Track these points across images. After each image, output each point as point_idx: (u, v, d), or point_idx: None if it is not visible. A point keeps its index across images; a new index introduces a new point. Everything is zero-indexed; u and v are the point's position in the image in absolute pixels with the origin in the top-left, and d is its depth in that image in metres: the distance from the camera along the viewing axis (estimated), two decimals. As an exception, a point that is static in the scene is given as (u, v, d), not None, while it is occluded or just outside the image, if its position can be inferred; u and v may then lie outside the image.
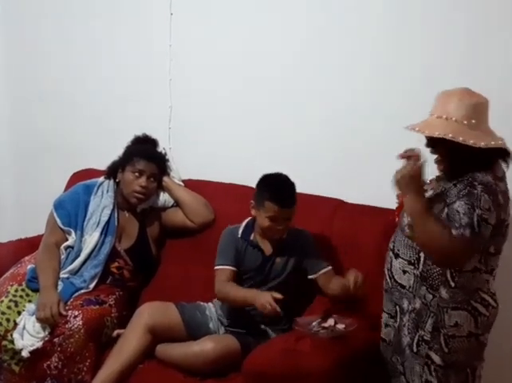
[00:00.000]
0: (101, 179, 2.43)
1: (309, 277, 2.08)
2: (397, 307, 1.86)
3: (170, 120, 2.76)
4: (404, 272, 1.81)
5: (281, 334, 1.99)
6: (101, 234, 2.31)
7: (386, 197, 2.04)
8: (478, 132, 1.66)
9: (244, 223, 2.14)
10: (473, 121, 1.64)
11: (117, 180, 2.38)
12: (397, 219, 1.86)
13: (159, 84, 2.76)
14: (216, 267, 2.10)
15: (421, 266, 1.78)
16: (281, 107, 2.51)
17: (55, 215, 2.35)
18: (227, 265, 2.08)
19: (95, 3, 2.85)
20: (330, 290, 2.05)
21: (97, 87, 2.92)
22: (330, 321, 1.92)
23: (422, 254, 1.76)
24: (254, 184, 2.39)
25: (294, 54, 2.44)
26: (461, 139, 1.61)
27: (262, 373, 1.76)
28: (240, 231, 2.13)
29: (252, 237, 2.12)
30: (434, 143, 1.72)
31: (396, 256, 1.84)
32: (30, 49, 3.02)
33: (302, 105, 2.48)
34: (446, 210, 1.68)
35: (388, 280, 1.88)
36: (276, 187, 2.04)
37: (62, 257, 2.33)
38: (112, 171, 2.41)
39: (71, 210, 2.36)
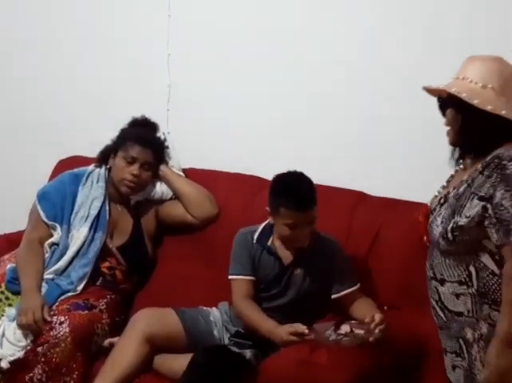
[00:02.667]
0: (91, 167, 2.38)
1: (332, 296, 2.03)
2: (460, 341, 1.69)
3: (168, 101, 2.67)
4: (458, 296, 1.64)
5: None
6: (90, 229, 2.26)
7: (409, 189, 2.09)
8: (499, 97, 1.53)
9: (261, 227, 2.08)
10: (489, 86, 1.53)
11: (108, 166, 2.34)
12: (425, 239, 1.72)
13: (157, 59, 2.68)
14: (231, 277, 2.06)
15: (475, 282, 1.61)
16: (295, 88, 2.44)
17: (38, 207, 2.29)
18: (244, 275, 2.04)
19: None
20: (351, 313, 2.00)
21: (86, 63, 2.84)
22: (345, 328, 1.85)
23: (472, 269, 1.62)
24: (261, 174, 2.35)
25: (310, 33, 2.38)
26: (475, 101, 1.49)
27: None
28: (256, 236, 2.07)
29: (269, 243, 2.05)
30: (443, 105, 1.61)
31: (442, 282, 1.68)
32: (18, 27, 2.96)
33: (318, 89, 2.41)
34: (481, 203, 1.53)
35: (441, 314, 1.71)
36: (289, 189, 1.96)
37: (46, 255, 2.26)
38: (104, 157, 2.36)
39: (56, 202, 2.30)
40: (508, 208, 1.47)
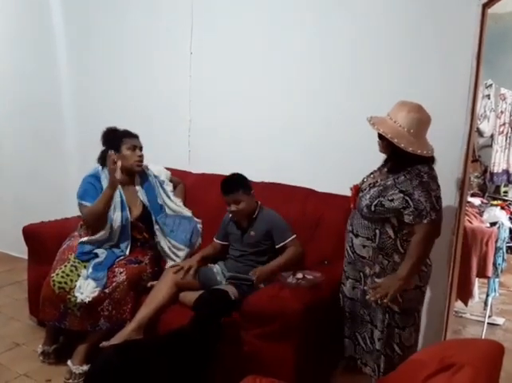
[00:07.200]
0: (99, 167, 2.65)
1: (276, 246, 2.43)
2: (361, 274, 2.03)
3: (189, 130, 3.19)
4: (364, 247, 1.95)
5: (268, 285, 2.22)
6: (121, 211, 2.57)
7: (343, 187, 2.26)
8: (413, 139, 1.81)
9: None
10: (411, 131, 1.81)
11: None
12: (352, 206, 2.03)
13: (182, 103, 3.17)
14: (214, 238, 2.60)
15: (377, 240, 1.92)
16: (269, 122, 2.90)
17: (87, 203, 2.52)
18: (217, 239, 2.58)
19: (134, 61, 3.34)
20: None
21: (132, 111, 3.33)
22: (299, 275, 2.12)
23: (377, 231, 1.90)
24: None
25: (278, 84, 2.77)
26: (396, 140, 1.80)
27: (256, 313, 2.05)
28: (229, 214, 2.50)
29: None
30: (381, 136, 1.89)
31: (356, 236, 1.99)
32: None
33: (287, 122, 2.82)
34: (402, 196, 1.85)
35: (351, 255, 2.03)
36: (223, 182, 2.40)
37: (103, 232, 2.53)
38: (104, 157, 2.61)
39: (94, 196, 2.53)
40: (423, 202, 1.80)
